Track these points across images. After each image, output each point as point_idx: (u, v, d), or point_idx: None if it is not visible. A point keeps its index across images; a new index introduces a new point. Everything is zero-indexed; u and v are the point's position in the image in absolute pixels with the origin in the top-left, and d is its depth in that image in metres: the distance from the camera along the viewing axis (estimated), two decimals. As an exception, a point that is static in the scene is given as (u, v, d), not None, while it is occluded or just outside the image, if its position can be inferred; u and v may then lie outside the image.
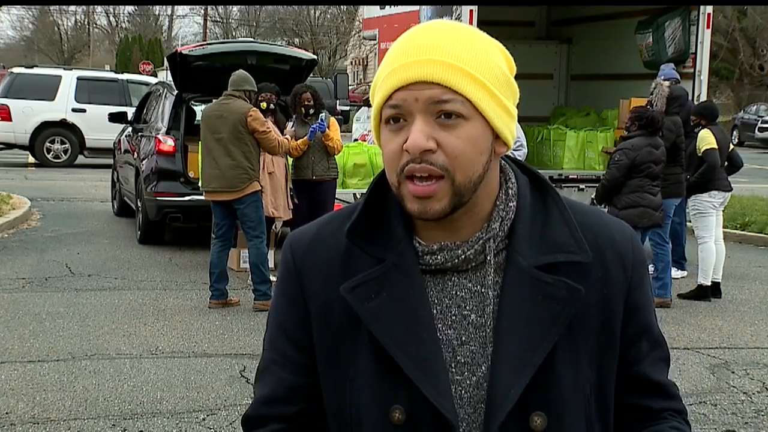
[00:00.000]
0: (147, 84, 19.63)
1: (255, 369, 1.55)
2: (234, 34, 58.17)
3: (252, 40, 18.98)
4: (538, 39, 13.63)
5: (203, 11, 54.36)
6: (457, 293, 1.40)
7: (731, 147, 9.08)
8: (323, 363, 1.45)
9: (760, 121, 31.36)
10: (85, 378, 5.95)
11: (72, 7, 64.94)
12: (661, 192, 8.03)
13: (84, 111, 19.91)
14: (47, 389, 5.71)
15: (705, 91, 10.71)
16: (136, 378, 5.98)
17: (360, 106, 16.25)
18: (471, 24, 8.60)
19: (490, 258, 1.39)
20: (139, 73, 32.93)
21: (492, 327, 1.37)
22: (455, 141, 1.32)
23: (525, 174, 1.47)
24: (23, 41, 69.93)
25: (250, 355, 6.51)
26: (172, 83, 11.35)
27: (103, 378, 5.95)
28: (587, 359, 1.40)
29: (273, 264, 8.99)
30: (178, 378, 6.00)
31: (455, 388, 1.37)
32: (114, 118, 13.00)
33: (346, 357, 1.42)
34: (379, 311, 1.37)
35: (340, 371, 1.42)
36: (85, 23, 67.70)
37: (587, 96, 12.97)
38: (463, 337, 1.38)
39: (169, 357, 6.48)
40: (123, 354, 6.52)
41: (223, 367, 6.26)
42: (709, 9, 10.78)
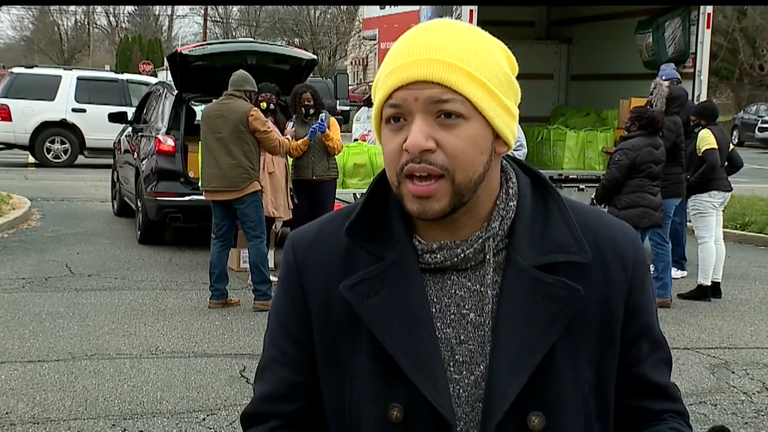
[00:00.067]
0: (147, 84, 19.63)
1: (255, 369, 1.56)
2: (234, 34, 58.17)
3: (252, 40, 18.97)
4: (538, 39, 13.63)
5: (203, 11, 54.38)
6: (457, 292, 1.40)
7: (731, 147, 9.09)
8: (323, 361, 1.45)
9: (760, 121, 31.36)
10: (85, 378, 5.95)
11: (72, 7, 65.01)
12: (661, 192, 8.03)
13: (84, 111, 19.92)
14: (47, 389, 5.71)
15: (705, 91, 10.71)
16: (136, 378, 5.98)
17: (360, 106, 16.23)
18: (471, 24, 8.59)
19: (489, 257, 1.39)
20: (139, 73, 32.94)
21: (491, 326, 1.37)
22: (455, 141, 1.32)
23: (526, 174, 1.46)
24: (23, 41, 69.95)
25: (250, 355, 6.51)
26: (172, 83, 11.35)
27: (103, 378, 5.96)
28: (587, 359, 1.40)
29: (273, 264, 9.00)
30: (178, 378, 6.00)
31: (453, 387, 1.37)
32: (114, 118, 13.00)
33: (345, 355, 1.42)
34: (378, 309, 1.37)
35: (339, 370, 1.42)
36: (85, 23, 67.72)
37: (587, 96, 12.97)
38: (462, 336, 1.39)
39: (169, 357, 6.48)
40: (123, 354, 6.52)
41: (223, 367, 6.27)
42: (709, 9, 10.78)
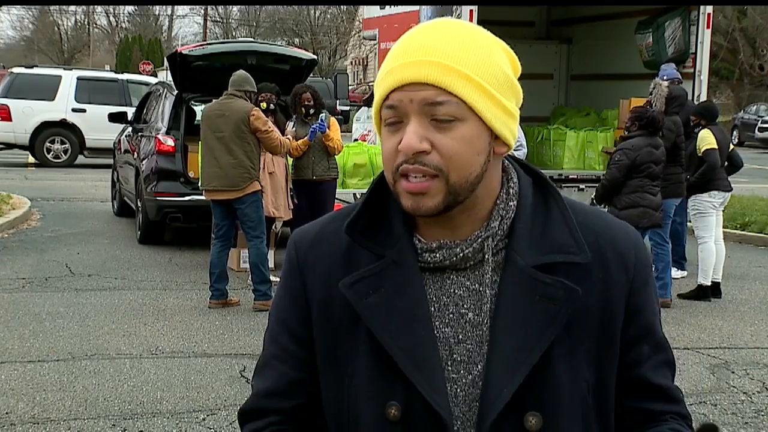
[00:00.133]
0: (147, 84, 19.63)
1: (252, 382, 1.55)
2: (234, 34, 58.18)
3: (252, 40, 18.97)
4: (538, 39, 13.63)
5: (203, 11, 54.38)
6: (456, 291, 1.40)
7: (731, 147, 9.09)
8: (323, 359, 1.46)
9: (760, 121, 31.36)
10: (85, 378, 5.95)
11: (72, 7, 65.03)
12: (661, 192, 8.03)
13: (84, 111, 19.92)
14: (47, 389, 5.70)
15: (705, 91, 10.71)
16: (136, 378, 5.98)
17: (360, 106, 16.24)
18: (471, 24, 8.59)
19: (488, 257, 1.39)
20: (139, 73, 32.94)
21: (489, 326, 1.37)
22: (450, 142, 1.32)
23: (528, 174, 1.47)
24: (23, 41, 69.96)
25: (250, 355, 6.51)
26: (172, 83, 11.36)
27: (103, 378, 5.96)
28: (585, 360, 1.40)
29: (273, 264, 9.00)
30: (178, 378, 6.00)
31: (451, 386, 1.38)
32: (114, 118, 13.00)
33: (345, 353, 1.42)
34: (377, 307, 1.38)
35: (339, 368, 1.43)
36: (85, 23, 67.73)
37: (587, 96, 12.98)
38: (460, 336, 1.39)
39: (169, 357, 6.48)
40: (123, 354, 6.52)
41: (223, 367, 6.27)
42: (709, 9, 10.78)
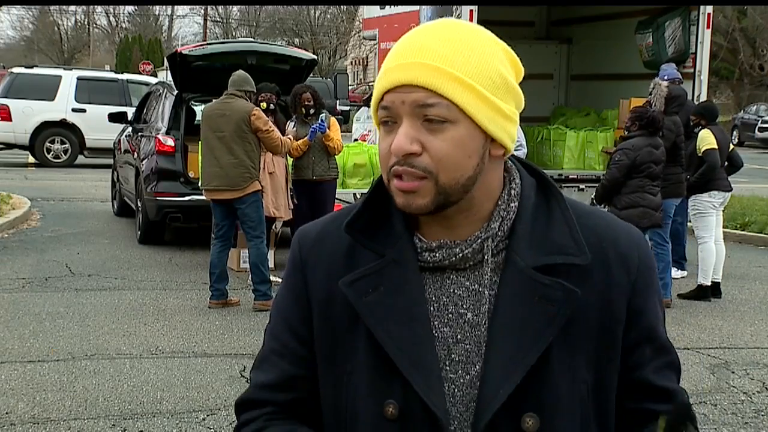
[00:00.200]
0: (147, 84, 19.63)
1: (250, 375, 1.57)
2: (234, 34, 58.18)
3: (252, 40, 18.97)
4: (538, 39, 13.62)
5: (203, 11, 54.38)
6: (455, 291, 1.40)
7: (731, 147, 9.09)
8: (323, 357, 1.46)
9: (760, 121, 31.36)
10: (85, 378, 5.95)
11: (72, 7, 65.03)
12: (661, 192, 8.02)
13: (84, 111, 19.91)
14: (47, 389, 5.71)
15: (705, 91, 10.70)
16: (136, 378, 5.98)
17: (360, 106, 16.24)
18: (471, 24, 8.59)
19: (487, 257, 1.39)
20: (139, 73, 32.93)
21: (487, 326, 1.38)
22: (440, 144, 1.33)
23: (532, 175, 1.47)
24: (23, 41, 69.96)
25: (250, 355, 6.50)
26: (172, 83, 11.36)
27: (103, 378, 5.96)
28: (585, 361, 1.40)
29: (273, 264, 9.00)
30: (178, 378, 6.00)
31: (449, 386, 1.38)
32: (114, 118, 13.00)
33: (345, 351, 1.43)
34: (376, 306, 1.38)
35: (338, 365, 1.44)
36: (85, 23, 67.73)
37: (587, 96, 12.97)
38: (459, 336, 1.39)
39: (169, 357, 6.48)
40: (123, 354, 6.52)
41: (223, 367, 6.27)
42: (709, 9, 10.78)
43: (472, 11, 10.24)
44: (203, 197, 8.36)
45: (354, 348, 1.42)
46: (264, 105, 8.53)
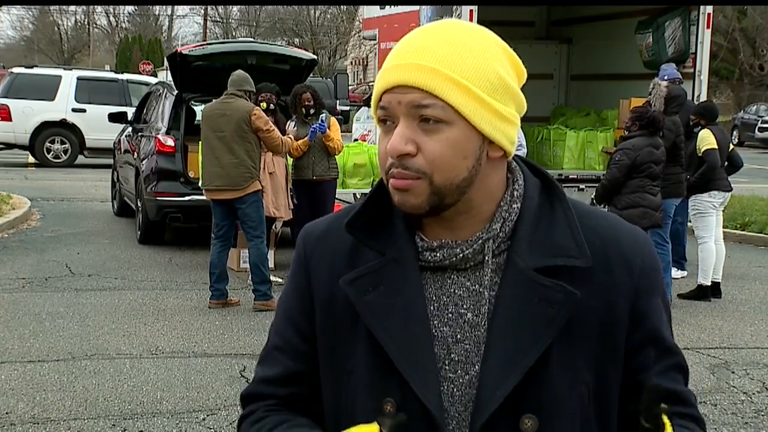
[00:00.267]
0: (147, 84, 19.63)
1: (255, 369, 1.59)
2: (234, 34, 58.17)
3: (252, 40, 18.98)
4: (538, 39, 13.62)
5: (203, 11, 54.39)
6: (455, 291, 1.40)
7: (731, 147, 9.09)
8: (324, 354, 1.47)
9: (760, 121, 31.35)
10: (85, 378, 5.95)
11: (72, 7, 65.02)
12: (661, 192, 8.02)
13: (84, 111, 19.92)
14: (47, 389, 5.71)
15: (705, 91, 10.70)
16: (136, 378, 5.98)
17: (360, 106, 16.25)
18: (471, 24, 8.59)
19: (488, 258, 1.39)
20: (139, 73, 32.93)
21: (487, 327, 1.38)
22: (434, 145, 1.33)
23: (536, 176, 1.46)
24: (23, 41, 69.96)
25: (250, 355, 6.51)
26: (172, 83, 11.36)
27: (103, 378, 5.96)
28: (586, 363, 1.39)
29: (273, 264, 9.00)
30: (178, 378, 6.00)
31: (447, 385, 1.38)
32: (114, 118, 13.00)
33: (345, 349, 1.44)
34: (376, 304, 1.39)
35: (339, 363, 1.44)
36: (85, 23, 67.73)
37: (587, 96, 12.97)
38: (458, 335, 1.39)
39: (169, 357, 6.48)
40: (123, 354, 6.52)
41: (223, 367, 6.27)
42: (709, 9, 10.77)
43: (472, 11, 10.24)
44: (203, 197, 8.36)
45: (354, 346, 1.42)
46: (264, 105, 8.53)
